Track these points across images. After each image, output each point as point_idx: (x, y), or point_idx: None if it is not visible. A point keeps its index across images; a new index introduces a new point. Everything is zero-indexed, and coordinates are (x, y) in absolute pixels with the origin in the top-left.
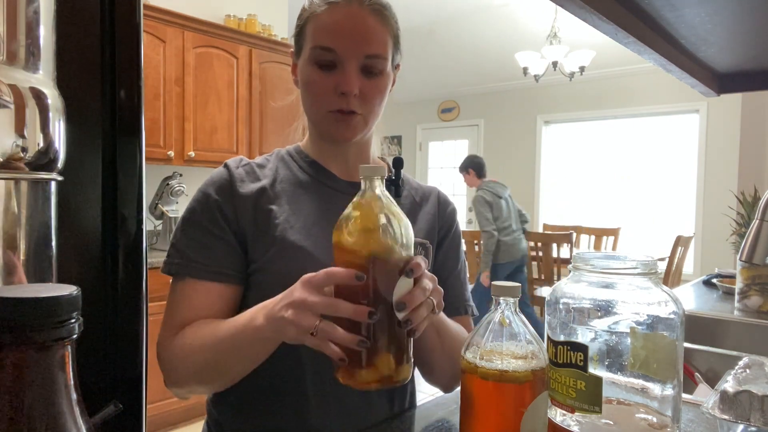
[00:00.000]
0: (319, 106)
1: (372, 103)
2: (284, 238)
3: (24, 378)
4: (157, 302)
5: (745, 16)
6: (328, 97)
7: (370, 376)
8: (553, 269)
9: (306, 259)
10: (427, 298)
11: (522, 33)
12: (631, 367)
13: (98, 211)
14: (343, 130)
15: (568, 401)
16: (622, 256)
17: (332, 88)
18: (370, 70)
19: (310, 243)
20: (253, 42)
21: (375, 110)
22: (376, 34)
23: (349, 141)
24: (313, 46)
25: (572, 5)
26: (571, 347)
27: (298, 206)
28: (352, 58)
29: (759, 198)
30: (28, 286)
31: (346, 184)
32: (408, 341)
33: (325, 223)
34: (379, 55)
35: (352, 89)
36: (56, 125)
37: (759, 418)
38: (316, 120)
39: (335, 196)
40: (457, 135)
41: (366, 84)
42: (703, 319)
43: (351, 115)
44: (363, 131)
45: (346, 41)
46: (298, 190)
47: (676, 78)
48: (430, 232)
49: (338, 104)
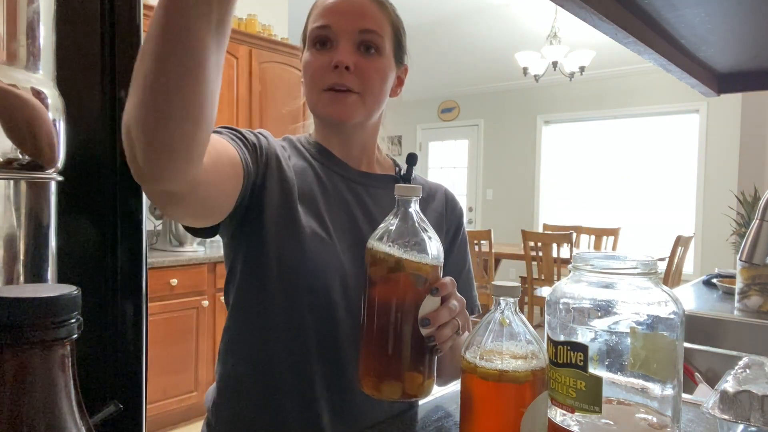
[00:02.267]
0: (314, 85)
1: (369, 82)
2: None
3: (24, 378)
4: (157, 302)
5: (745, 16)
6: (323, 73)
7: (395, 389)
8: (553, 269)
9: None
10: (453, 319)
11: (522, 33)
12: (631, 367)
13: (98, 211)
14: (339, 109)
15: (568, 401)
16: (622, 256)
17: (327, 65)
18: (366, 47)
19: (322, 229)
20: (253, 42)
21: (374, 92)
22: (371, 11)
23: (345, 122)
24: (311, 29)
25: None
26: (571, 347)
27: (308, 188)
28: (347, 33)
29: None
30: (28, 286)
31: (357, 173)
32: (432, 358)
33: (335, 207)
34: (375, 30)
35: (343, 60)
36: (56, 125)
37: (759, 418)
38: (312, 102)
39: (346, 184)
40: (457, 135)
41: (362, 61)
42: (703, 319)
43: (346, 93)
44: (361, 114)
45: (341, 17)
46: (309, 175)
47: (676, 78)
48: (437, 231)
49: (332, 79)
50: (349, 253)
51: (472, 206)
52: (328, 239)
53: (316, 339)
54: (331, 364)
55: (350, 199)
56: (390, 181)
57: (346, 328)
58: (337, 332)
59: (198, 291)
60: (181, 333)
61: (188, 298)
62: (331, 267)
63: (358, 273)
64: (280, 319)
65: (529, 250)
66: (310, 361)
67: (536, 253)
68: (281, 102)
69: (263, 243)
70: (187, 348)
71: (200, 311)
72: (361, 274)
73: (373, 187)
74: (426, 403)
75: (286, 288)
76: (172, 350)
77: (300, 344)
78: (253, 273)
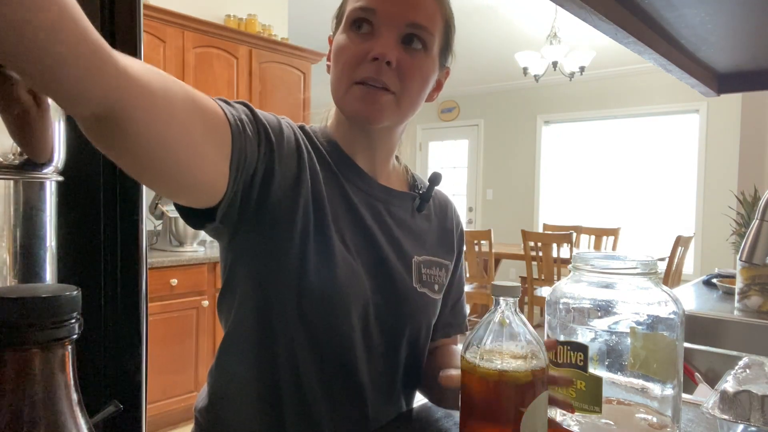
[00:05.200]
0: (344, 75)
1: (409, 83)
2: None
3: (24, 378)
4: (157, 302)
5: (745, 16)
6: (357, 63)
7: None
8: (553, 269)
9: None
10: None
11: (522, 33)
12: (631, 367)
13: (98, 211)
14: (369, 108)
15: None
16: (622, 256)
17: (364, 55)
18: (411, 42)
19: (347, 251)
20: (253, 42)
21: (411, 95)
22: (426, 3)
23: (374, 124)
24: (353, 8)
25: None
26: (571, 347)
27: (332, 201)
28: (394, 22)
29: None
30: (28, 286)
31: (379, 189)
32: None
33: (357, 229)
34: (426, 26)
35: (386, 53)
36: (56, 125)
37: (759, 418)
38: (338, 94)
39: (367, 201)
40: (457, 135)
41: (405, 57)
42: (703, 319)
43: (381, 91)
44: (393, 117)
45: (391, 2)
46: (334, 188)
47: (676, 78)
48: (449, 252)
49: (368, 72)
50: (370, 277)
51: (472, 206)
52: (355, 264)
53: (326, 363)
54: (341, 385)
55: (370, 217)
56: (409, 199)
57: (360, 353)
58: (352, 356)
59: (198, 291)
60: (181, 333)
61: (188, 298)
62: (357, 294)
63: (378, 299)
64: (288, 345)
65: (529, 250)
66: (321, 384)
67: (536, 253)
68: (281, 102)
69: (287, 260)
70: (187, 348)
71: (200, 311)
72: (381, 301)
73: (394, 205)
74: (426, 403)
75: (307, 311)
76: (172, 350)
77: (310, 369)
78: (266, 289)
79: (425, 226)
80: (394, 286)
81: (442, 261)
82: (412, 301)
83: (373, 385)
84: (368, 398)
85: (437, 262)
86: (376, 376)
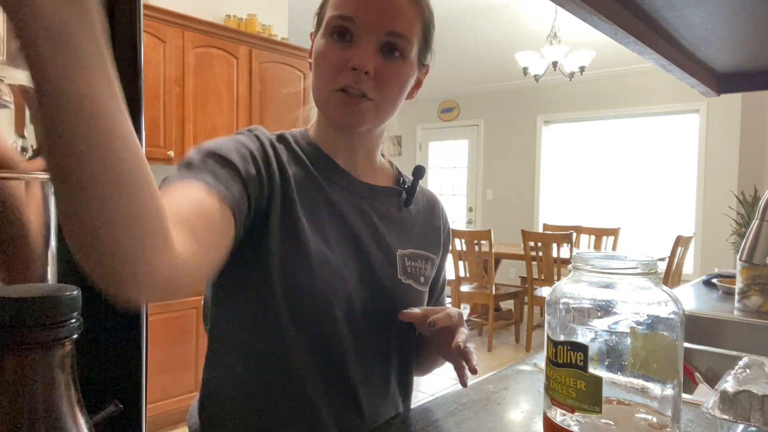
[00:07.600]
0: (325, 82)
1: (387, 91)
2: (303, 238)
3: (24, 378)
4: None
5: (745, 16)
6: (337, 72)
7: None
8: (553, 269)
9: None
10: None
11: (522, 33)
12: (631, 367)
13: None
14: (349, 115)
15: (568, 401)
16: (622, 256)
17: (343, 63)
18: (390, 51)
19: (327, 248)
20: (253, 42)
21: (390, 101)
22: (404, 10)
23: (354, 129)
24: (332, 16)
25: (572, 5)
26: (571, 347)
27: (310, 202)
28: (372, 31)
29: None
30: (28, 286)
31: (361, 186)
32: None
33: (339, 226)
34: (403, 35)
35: (364, 64)
36: None
37: (759, 418)
38: (320, 100)
39: (350, 198)
40: (457, 135)
41: (383, 66)
42: (703, 319)
43: (359, 99)
44: (372, 121)
45: (368, 10)
46: (311, 187)
47: (676, 78)
48: (436, 247)
49: (346, 80)
50: (354, 272)
51: (472, 206)
52: (334, 259)
53: (315, 356)
54: (333, 381)
55: (354, 214)
56: (393, 194)
57: (349, 346)
58: (341, 350)
59: (198, 291)
60: (181, 333)
61: (188, 297)
62: (337, 288)
63: (362, 293)
64: (276, 343)
65: (529, 250)
66: (311, 379)
67: (536, 253)
68: (281, 102)
69: (267, 264)
70: (187, 348)
71: (200, 311)
72: (365, 294)
73: (378, 201)
74: (426, 403)
75: (292, 309)
76: (172, 350)
77: (299, 363)
78: (252, 293)
79: (412, 220)
80: (377, 279)
81: (429, 255)
82: (397, 292)
83: (366, 380)
84: (360, 392)
85: (423, 255)
86: (367, 371)
